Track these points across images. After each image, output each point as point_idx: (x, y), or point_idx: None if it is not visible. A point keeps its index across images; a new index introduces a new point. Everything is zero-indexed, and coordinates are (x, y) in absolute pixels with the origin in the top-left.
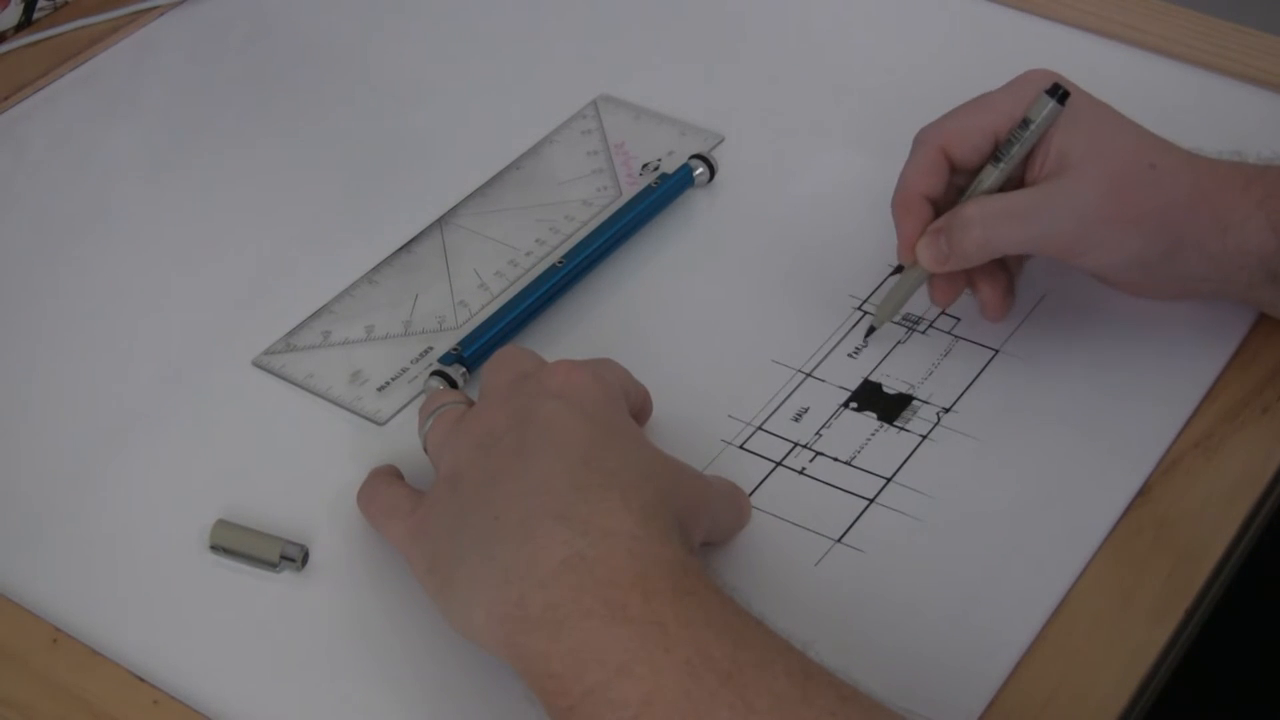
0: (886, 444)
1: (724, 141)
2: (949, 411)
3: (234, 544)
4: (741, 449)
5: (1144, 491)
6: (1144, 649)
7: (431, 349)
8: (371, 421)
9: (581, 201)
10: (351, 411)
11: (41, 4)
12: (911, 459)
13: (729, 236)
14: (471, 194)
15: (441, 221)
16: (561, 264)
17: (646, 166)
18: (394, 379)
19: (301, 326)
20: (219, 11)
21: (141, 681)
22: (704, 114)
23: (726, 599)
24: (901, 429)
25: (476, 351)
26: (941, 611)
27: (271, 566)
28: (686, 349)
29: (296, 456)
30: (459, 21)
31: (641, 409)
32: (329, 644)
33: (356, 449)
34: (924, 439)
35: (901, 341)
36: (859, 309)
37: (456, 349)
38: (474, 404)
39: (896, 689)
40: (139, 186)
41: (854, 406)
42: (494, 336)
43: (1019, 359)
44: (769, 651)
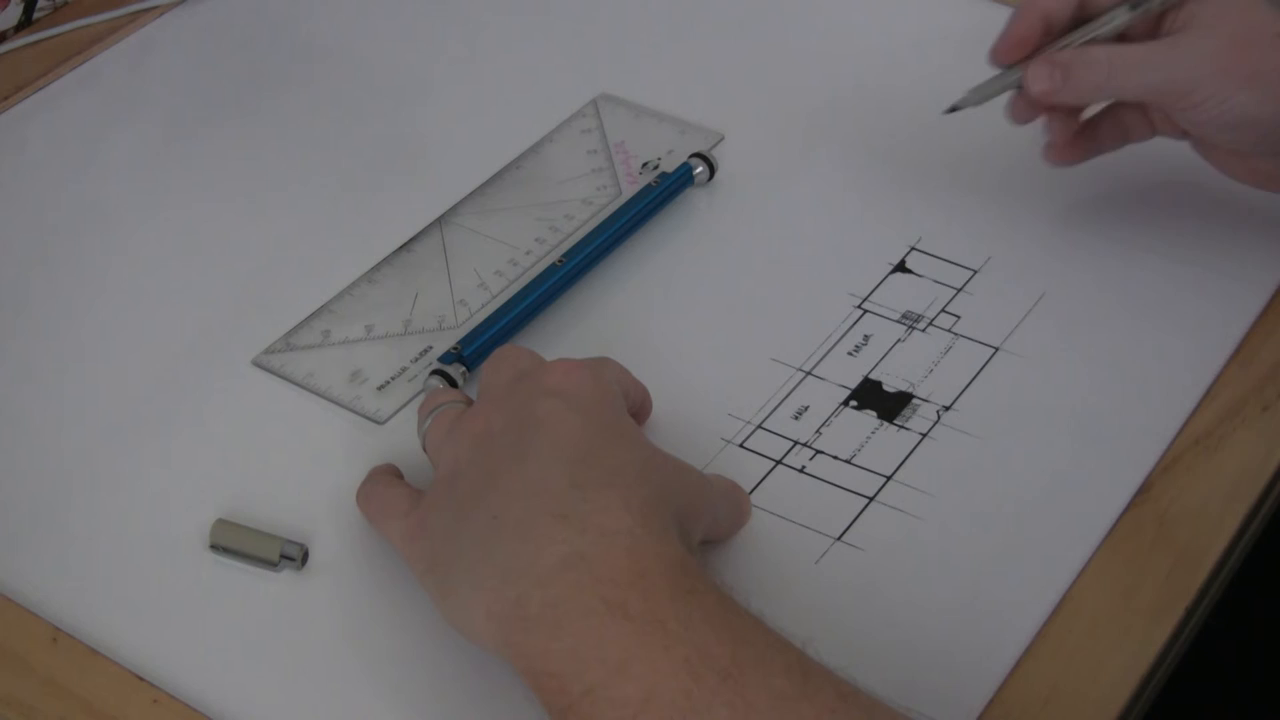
0: (886, 442)
1: (724, 141)
2: (949, 410)
3: (234, 543)
4: (741, 447)
5: (1144, 489)
6: (1144, 648)
7: (431, 348)
8: (371, 421)
9: (581, 200)
10: (351, 411)
11: (41, 4)
12: (911, 457)
13: (729, 235)
14: (471, 193)
15: (441, 221)
16: (561, 263)
17: (646, 165)
18: (393, 378)
19: (301, 326)
20: (219, 11)
21: (141, 681)
22: (704, 113)
23: (726, 597)
24: (901, 427)
25: (476, 350)
26: (941, 610)
27: (271, 566)
28: (686, 348)
29: (296, 456)
30: (459, 21)
31: (641, 408)
32: (329, 643)
33: (356, 448)
34: (924, 437)
35: (901, 340)
36: (859, 307)
37: (456, 348)
38: (473, 403)
39: (896, 687)
40: (139, 186)
41: (854, 405)
42: (493, 335)
43: (1019, 357)
44: (768, 650)
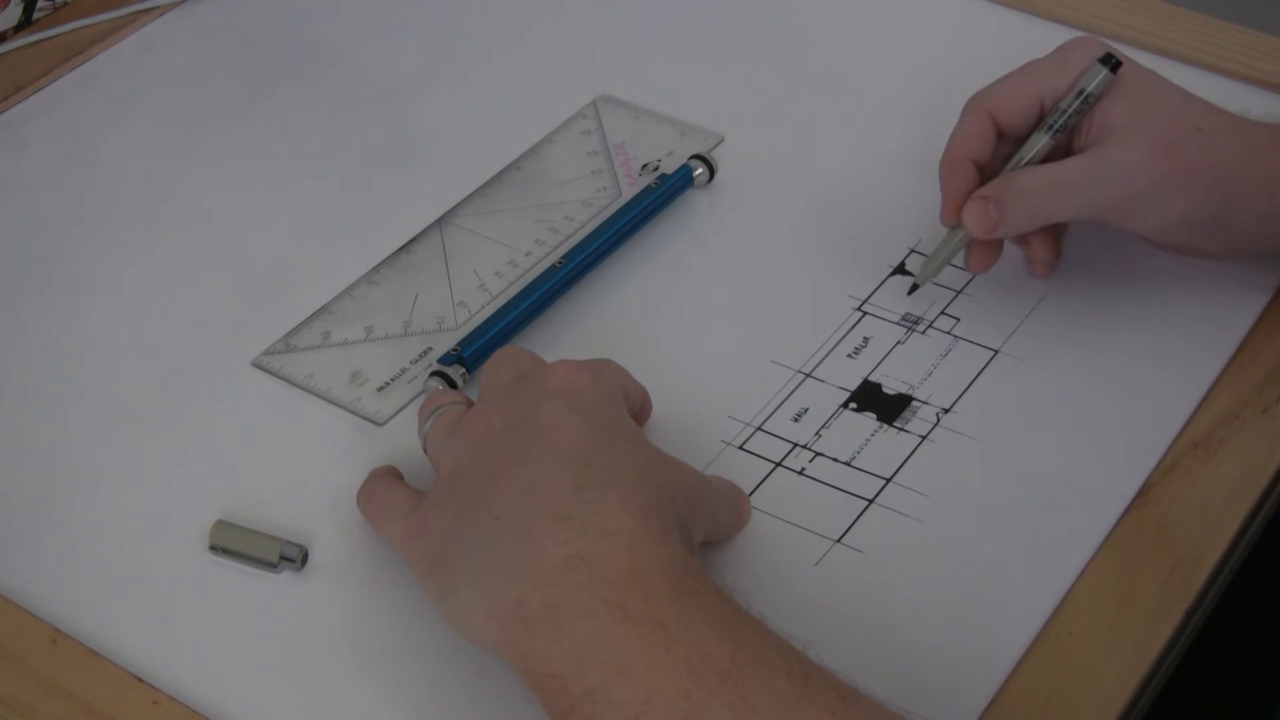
0: (886, 444)
1: (724, 141)
2: (948, 412)
3: (234, 544)
4: (741, 449)
5: (1144, 492)
6: (1143, 650)
7: (431, 349)
8: (371, 422)
9: (581, 202)
10: (351, 412)
11: (41, 4)
12: (911, 459)
13: (728, 237)
14: (471, 194)
15: (441, 222)
16: (561, 264)
17: (646, 167)
18: (393, 379)
19: (301, 327)
20: (219, 11)
21: (141, 682)
22: (704, 114)
23: (727, 599)
24: (901, 429)
25: (476, 352)
26: (941, 612)
27: (271, 567)
28: (686, 349)
29: (296, 456)
30: (459, 22)
31: (641, 409)
32: (329, 644)
33: (356, 449)
34: (924, 439)
35: (901, 342)
36: (859, 309)
37: (456, 349)
38: (473, 404)
39: (896, 689)
40: (139, 186)
41: (853, 407)
42: (493, 337)
43: (1019, 360)
44: (769, 651)
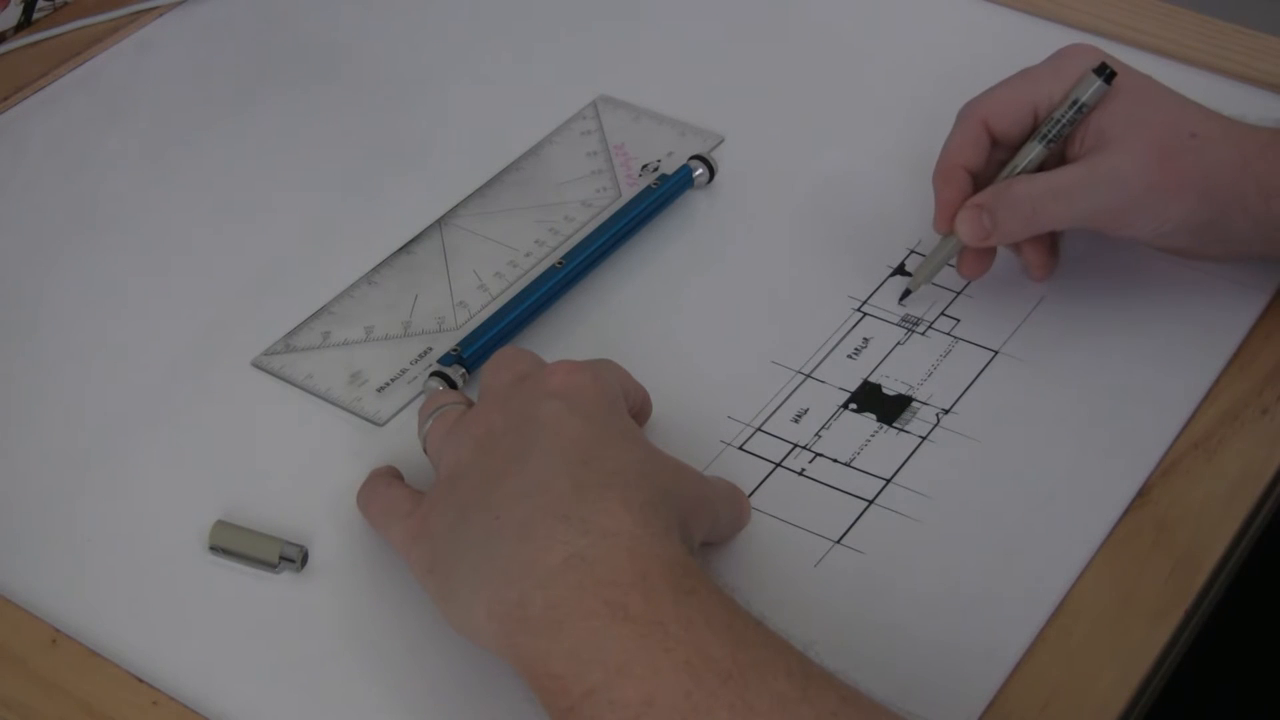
0: (886, 445)
1: (724, 142)
2: (948, 413)
3: (233, 545)
4: (741, 450)
5: (1143, 493)
6: (1144, 649)
7: (431, 350)
8: (371, 422)
9: (581, 202)
10: (351, 412)
11: (41, 4)
12: (911, 460)
13: (728, 237)
14: (471, 194)
15: (441, 222)
16: (561, 265)
17: (646, 167)
18: (393, 380)
19: (301, 327)
20: (219, 11)
21: (141, 682)
22: (704, 114)
23: (727, 599)
24: (901, 430)
25: (476, 352)
26: (941, 612)
27: (271, 567)
28: (686, 350)
29: (296, 457)
30: (459, 22)
31: (641, 409)
32: (328, 644)
33: (356, 450)
34: (924, 440)
35: (901, 343)
36: (858, 310)
37: (456, 350)
38: (474, 405)
39: (896, 689)
40: (138, 186)
41: (853, 408)
42: (493, 337)
43: (1018, 360)
44: (769, 652)
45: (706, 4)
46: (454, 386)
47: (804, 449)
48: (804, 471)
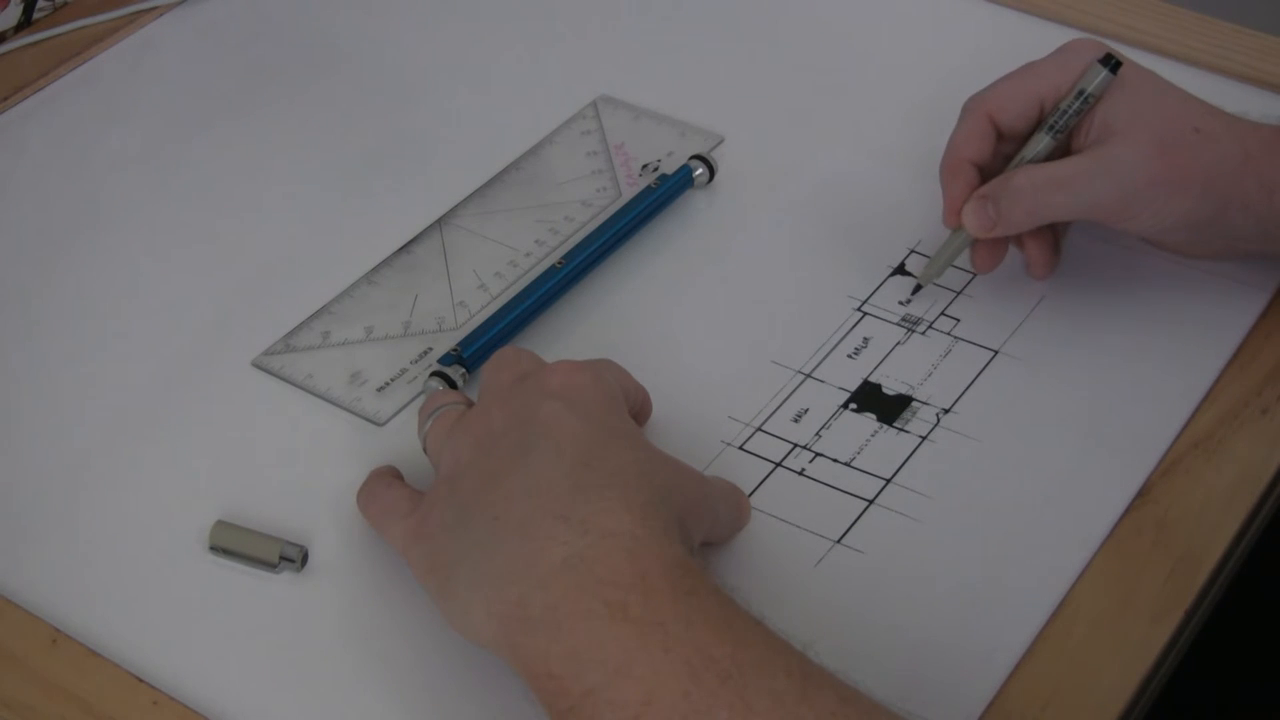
0: (886, 445)
1: (724, 142)
2: (948, 412)
3: (233, 544)
4: (741, 450)
5: (1144, 492)
6: (1144, 649)
7: (431, 350)
8: (371, 422)
9: (581, 202)
10: (351, 412)
11: (41, 4)
12: (911, 460)
13: (728, 237)
14: (471, 194)
15: (441, 222)
16: (561, 265)
17: (646, 167)
18: (393, 380)
19: (301, 327)
20: (219, 11)
21: (141, 682)
22: (704, 114)
23: (726, 599)
24: (901, 430)
25: (476, 352)
26: (941, 612)
27: (271, 567)
28: (686, 350)
29: (296, 457)
30: (459, 21)
31: (641, 409)
32: (328, 644)
33: (356, 449)
34: (924, 440)
35: (901, 342)
36: (858, 309)
37: (456, 350)
38: (474, 405)
39: (896, 689)
40: (138, 186)
41: (853, 407)
42: (493, 337)
43: (1019, 360)
44: (769, 652)
45: (707, 4)
46: (454, 386)
47: (804, 449)
48: (804, 471)
